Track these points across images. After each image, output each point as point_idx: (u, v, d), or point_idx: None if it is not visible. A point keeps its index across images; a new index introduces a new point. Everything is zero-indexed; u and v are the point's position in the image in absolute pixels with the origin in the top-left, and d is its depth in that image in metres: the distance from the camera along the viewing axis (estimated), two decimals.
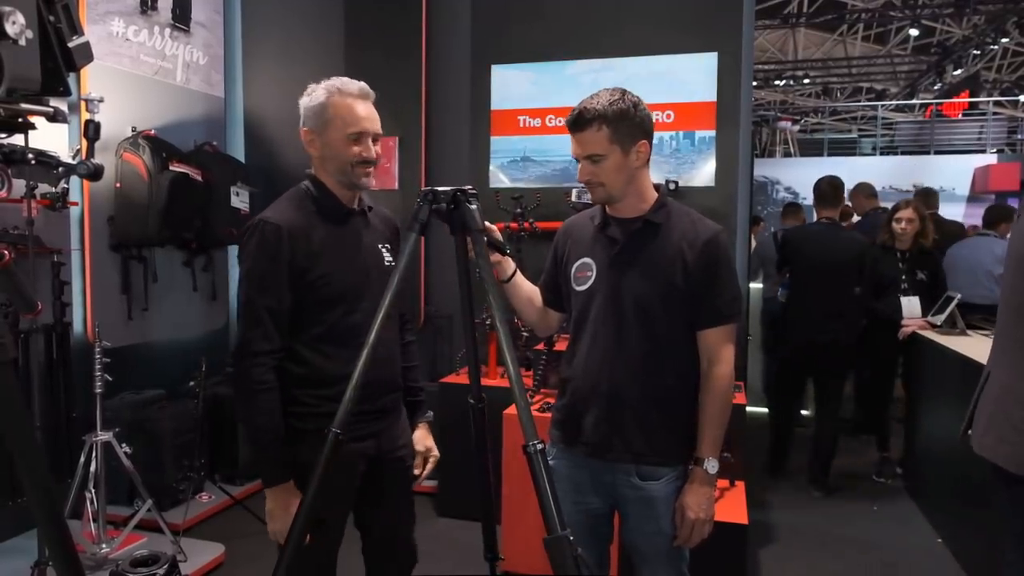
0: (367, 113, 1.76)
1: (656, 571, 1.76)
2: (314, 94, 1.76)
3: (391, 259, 1.86)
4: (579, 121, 1.66)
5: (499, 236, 1.74)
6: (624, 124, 1.64)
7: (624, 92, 1.68)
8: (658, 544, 1.73)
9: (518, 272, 1.87)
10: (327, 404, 1.64)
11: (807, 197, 13.29)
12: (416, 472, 1.97)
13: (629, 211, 1.74)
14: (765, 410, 5.55)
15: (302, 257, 1.70)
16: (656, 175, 3.63)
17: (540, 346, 3.33)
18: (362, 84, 1.77)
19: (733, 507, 2.81)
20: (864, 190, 5.64)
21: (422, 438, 1.99)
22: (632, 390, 1.70)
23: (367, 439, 1.81)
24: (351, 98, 1.74)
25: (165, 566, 2.21)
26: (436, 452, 2.00)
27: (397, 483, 1.95)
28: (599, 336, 1.73)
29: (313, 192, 1.79)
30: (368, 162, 1.76)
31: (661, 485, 1.71)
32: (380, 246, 1.85)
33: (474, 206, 1.58)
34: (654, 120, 1.74)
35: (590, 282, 1.76)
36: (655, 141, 1.77)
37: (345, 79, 1.77)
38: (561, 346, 1.93)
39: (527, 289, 1.90)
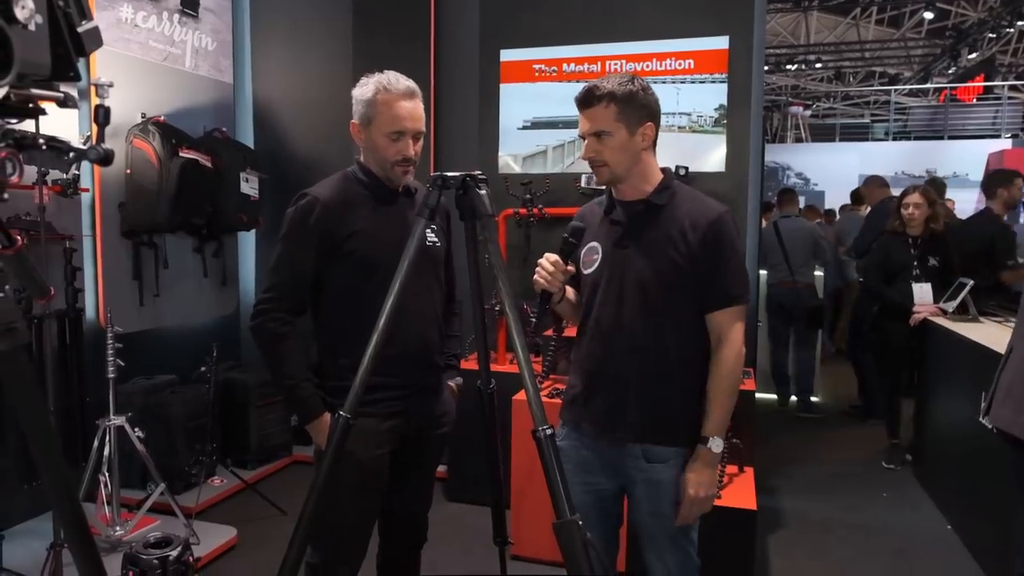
0: (409, 112, 1.80)
1: (663, 553, 1.77)
2: (365, 88, 1.82)
3: (435, 239, 1.91)
4: (588, 98, 1.68)
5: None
6: (632, 104, 1.66)
7: (634, 77, 1.70)
8: (664, 526, 1.74)
9: (565, 288, 1.85)
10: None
11: (818, 183, 13.27)
12: None
13: (634, 194, 1.75)
14: (774, 396, 5.57)
15: (337, 229, 1.78)
16: (666, 155, 3.61)
17: (549, 332, 3.34)
18: (410, 83, 1.82)
19: (742, 493, 2.82)
20: (876, 182, 5.73)
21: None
22: (636, 371, 1.71)
23: (394, 417, 1.84)
24: (396, 96, 1.79)
25: (178, 548, 2.23)
26: (452, 414, 2.02)
27: (424, 464, 1.99)
28: (604, 317, 1.75)
29: (359, 175, 1.88)
30: (407, 160, 1.82)
31: (668, 467, 1.72)
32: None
33: (484, 191, 1.58)
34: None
35: (595, 265, 1.77)
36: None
37: (395, 76, 1.81)
38: (570, 332, 1.95)
39: (572, 296, 1.89)
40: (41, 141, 1.19)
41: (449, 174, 1.59)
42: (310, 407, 1.79)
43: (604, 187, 1.83)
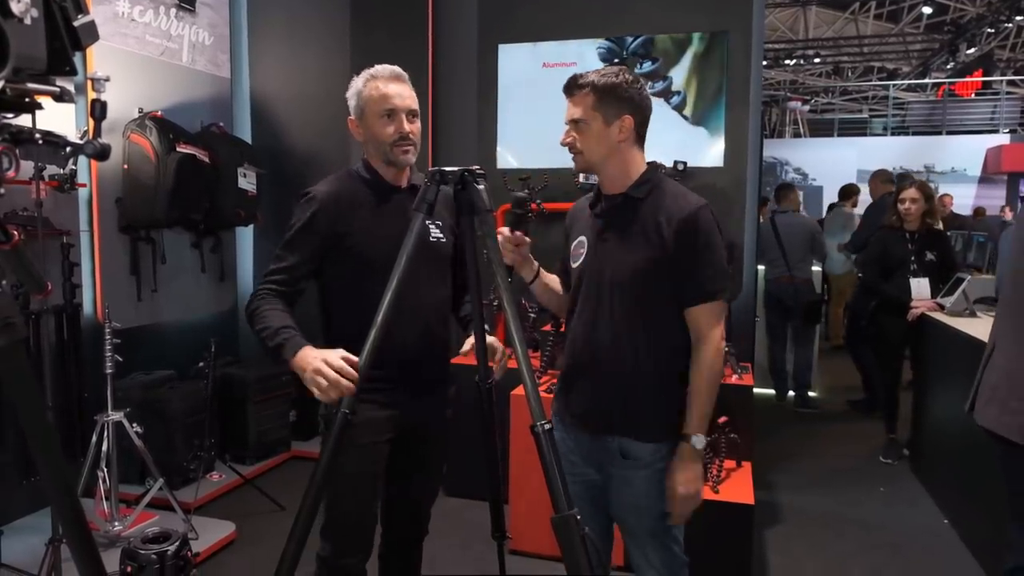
0: (397, 91, 1.82)
1: (644, 548, 1.77)
2: (354, 83, 1.86)
3: (440, 235, 1.91)
4: (570, 85, 1.72)
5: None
6: (611, 96, 1.67)
7: (623, 69, 1.71)
8: (642, 521, 1.74)
9: (540, 270, 1.92)
10: None
11: (816, 178, 13.28)
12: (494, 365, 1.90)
13: (614, 187, 1.76)
14: (772, 391, 5.58)
15: (338, 226, 1.80)
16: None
17: (547, 327, 3.34)
18: (394, 67, 1.85)
19: (740, 488, 2.83)
20: (881, 176, 5.70)
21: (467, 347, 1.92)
22: (611, 365, 1.72)
23: (391, 408, 1.83)
24: (382, 80, 1.83)
25: (177, 543, 2.23)
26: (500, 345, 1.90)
27: (427, 457, 1.98)
28: (584, 311, 1.77)
29: (362, 172, 1.90)
30: (404, 138, 1.82)
31: (643, 464, 1.71)
32: (428, 222, 1.85)
33: (482, 186, 1.58)
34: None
35: (581, 259, 1.79)
36: None
37: (380, 66, 1.85)
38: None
39: (551, 281, 1.94)
40: (38, 136, 1.19)
41: (447, 169, 1.58)
42: (289, 347, 1.65)
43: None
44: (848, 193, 6.82)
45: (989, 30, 12.72)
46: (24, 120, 1.17)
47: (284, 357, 1.67)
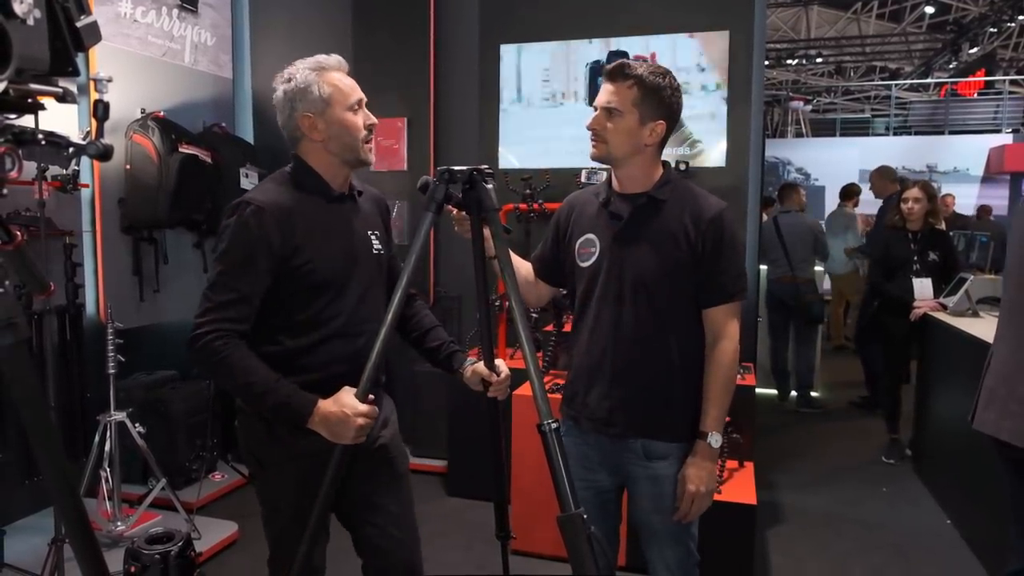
0: (354, 82, 1.70)
1: (664, 549, 1.77)
2: (297, 79, 1.65)
3: (380, 247, 1.77)
4: (616, 71, 1.68)
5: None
6: (654, 96, 1.66)
7: (670, 72, 1.70)
8: (666, 523, 1.74)
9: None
10: None
11: (819, 178, 13.24)
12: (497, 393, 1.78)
13: (634, 187, 1.74)
14: (774, 391, 5.57)
15: (287, 241, 1.58)
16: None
17: (549, 327, 3.34)
18: (338, 56, 1.69)
19: (742, 488, 2.82)
20: (887, 175, 5.63)
21: (481, 369, 1.77)
22: (635, 366, 1.71)
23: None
24: (337, 72, 1.67)
25: (180, 543, 2.23)
26: (506, 369, 1.77)
27: (377, 474, 1.79)
28: (603, 313, 1.74)
29: (301, 177, 1.68)
30: (371, 131, 1.69)
31: (669, 463, 1.72)
32: (369, 233, 1.75)
33: (490, 185, 1.58)
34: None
35: (593, 258, 1.76)
36: None
37: (319, 56, 1.67)
38: (571, 327, 1.94)
39: (519, 264, 1.89)
40: (40, 136, 1.19)
41: (456, 168, 1.58)
42: (301, 409, 1.51)
43: (603, 182, 1.83)
44: (849, 193, 6.80)
45: (992, 30, 12.69)
46: (27, 121, 1.17)
47: (301, 415, 1.51)
